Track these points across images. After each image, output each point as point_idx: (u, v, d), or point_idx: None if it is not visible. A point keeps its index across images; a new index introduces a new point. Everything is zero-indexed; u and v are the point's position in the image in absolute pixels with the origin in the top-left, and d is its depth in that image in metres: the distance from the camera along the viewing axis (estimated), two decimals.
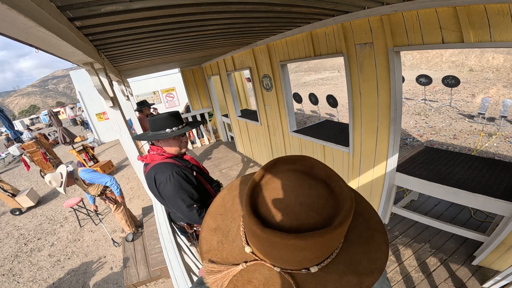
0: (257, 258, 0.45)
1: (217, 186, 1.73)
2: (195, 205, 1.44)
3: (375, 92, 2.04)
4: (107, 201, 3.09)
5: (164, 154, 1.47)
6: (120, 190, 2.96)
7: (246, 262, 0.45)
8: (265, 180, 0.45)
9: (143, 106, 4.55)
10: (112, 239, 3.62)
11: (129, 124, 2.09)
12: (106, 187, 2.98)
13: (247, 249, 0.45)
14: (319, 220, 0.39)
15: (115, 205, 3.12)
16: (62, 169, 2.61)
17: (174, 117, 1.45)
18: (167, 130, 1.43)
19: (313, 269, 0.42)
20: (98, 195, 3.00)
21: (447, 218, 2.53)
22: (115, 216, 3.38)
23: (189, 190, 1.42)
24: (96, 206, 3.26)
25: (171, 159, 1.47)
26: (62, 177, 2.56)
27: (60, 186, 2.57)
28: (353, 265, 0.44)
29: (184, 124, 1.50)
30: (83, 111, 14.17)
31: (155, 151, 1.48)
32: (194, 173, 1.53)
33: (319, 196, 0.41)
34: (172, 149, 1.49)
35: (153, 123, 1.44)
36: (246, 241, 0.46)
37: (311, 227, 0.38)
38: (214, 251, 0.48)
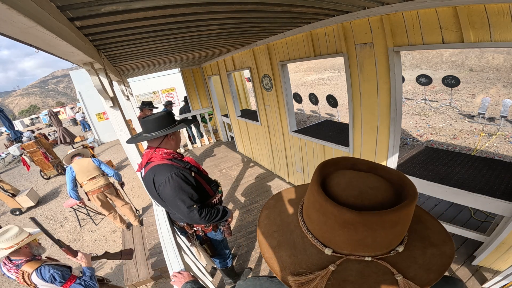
0: (341, 255, 0.43)
1: (216, 186, 1.74)
2: (195, 206, 1.45)
3: (375, 92, 2.04)
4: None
5: (160, 153, 1.48)
6: (119, 176, 3.48)
7: (333, 263, 0.43)
8: (326, 181, 0.48)
9: (144, 106, 4.78)
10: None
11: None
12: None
13: (328, 251, 0.45)
14: (392, 198, 0.42)
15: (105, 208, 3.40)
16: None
17: (164, 118, 1.47)
18: (158, 130, 1.45)
19: (400, 248, 0.43)
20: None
21: (447, 218, 2.53)
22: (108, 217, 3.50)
23: (189, 191, 1.43)
24: (83, 201, 3.53)
25: (169, 160, 1.47)
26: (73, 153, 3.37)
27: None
28: (426, 239, 0.46)
29: (175, 123, 1.53)
30: (80, 111, 14.15)
31: (151, 150, 1.50)
32: (193, 174, 1.54)
33: (378, 181, 0.44)
34: (167, 147, 1.51)
35: (144, 124, 1.46)
36: (323, 244, 0.46)
37: (390, 205, 0.41)
38: (290, 265, 0.47)
